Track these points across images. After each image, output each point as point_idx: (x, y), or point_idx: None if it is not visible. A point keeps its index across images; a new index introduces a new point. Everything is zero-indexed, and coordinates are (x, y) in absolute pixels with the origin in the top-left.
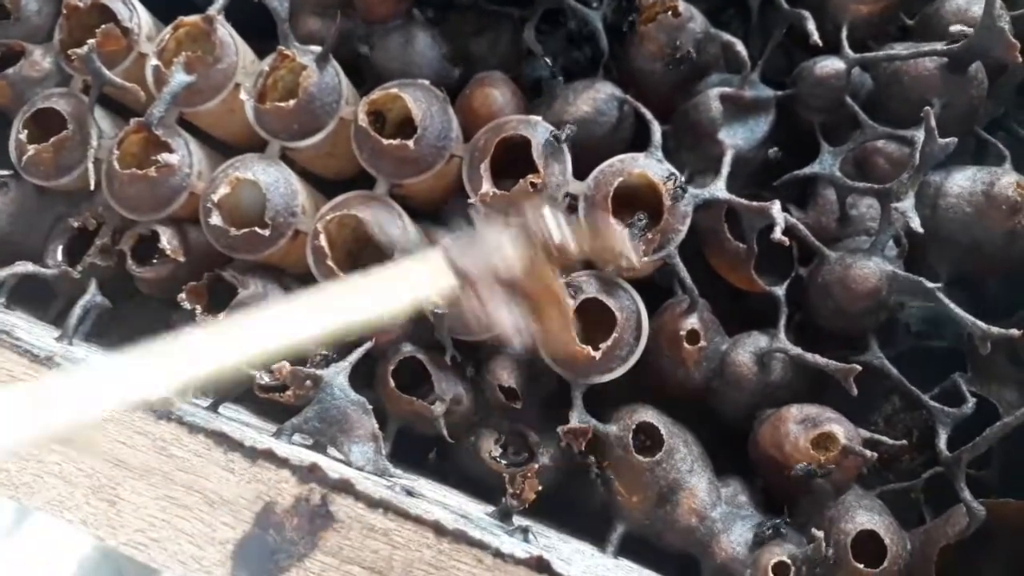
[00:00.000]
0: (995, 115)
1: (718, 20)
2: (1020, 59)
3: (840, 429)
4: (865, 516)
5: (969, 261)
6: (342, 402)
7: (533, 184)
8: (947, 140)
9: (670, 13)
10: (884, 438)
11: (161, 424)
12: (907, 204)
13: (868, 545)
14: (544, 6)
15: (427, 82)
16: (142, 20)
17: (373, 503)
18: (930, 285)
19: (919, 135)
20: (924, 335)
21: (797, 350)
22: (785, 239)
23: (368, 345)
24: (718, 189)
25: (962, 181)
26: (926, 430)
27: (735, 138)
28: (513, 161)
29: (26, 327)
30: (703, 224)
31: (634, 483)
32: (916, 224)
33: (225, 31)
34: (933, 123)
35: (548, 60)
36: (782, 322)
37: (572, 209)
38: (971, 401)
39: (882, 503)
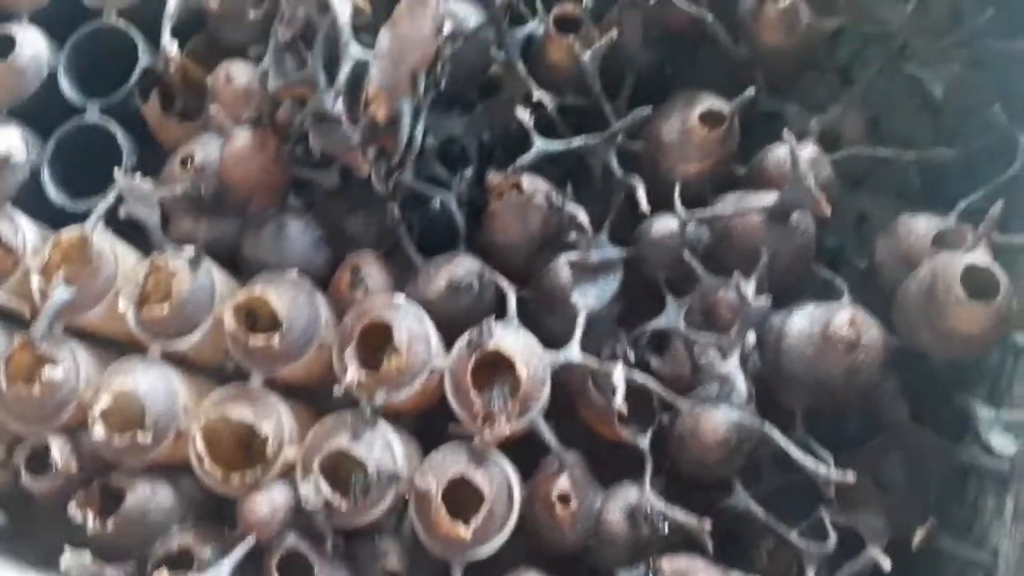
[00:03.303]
0: (836, 247)
1: (572, 183)
2: (828, 211)
3: None
4: None
5: (818, 398)
6: None
7: (397, 366)
8: (760, 304)
9: (515, 191)
10: None
11: None
12: (731, 365)
13: None
14: (404, 190)
15: (294, 272)
16: (27, 236)
17: None
18: (770, 431)
19: (749, 287)
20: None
21: (660, 506)
22: (623, 409)
23: (250, 541)
24: (572, 352)
25: (801, 322)
26: None
27: (587, 299)
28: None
29: None
30: (570, 379)
31: None
32: (741, 387)
33: (103, 241)
34: (745, 290)
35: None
36: (647, 477)
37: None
38: (833, 536)
39: None
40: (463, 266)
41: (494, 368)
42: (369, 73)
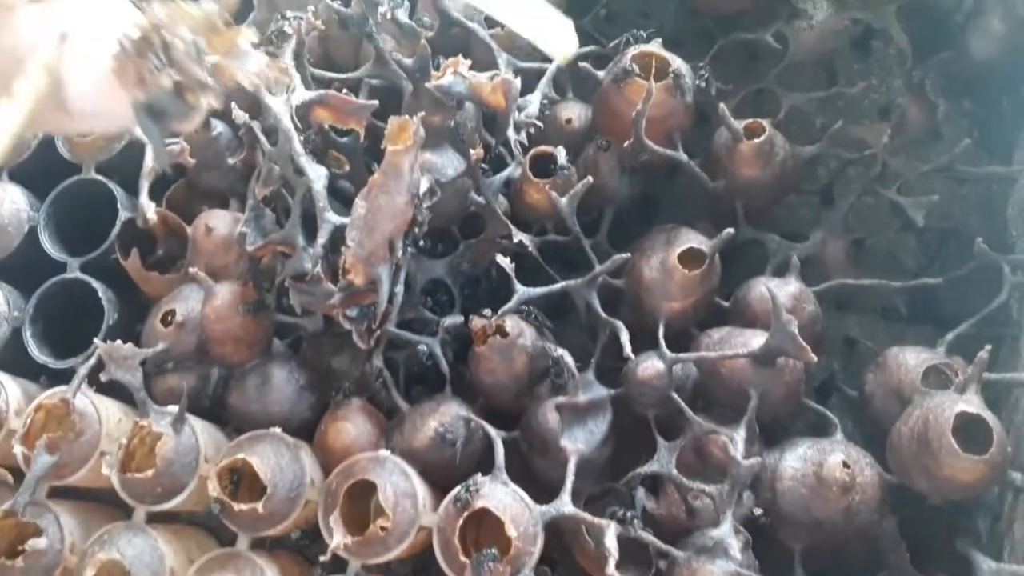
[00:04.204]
0: (827, 373)
1: (557, 315)
2: (814, 359)
3: None
4: None
5: (817, 537)
6: None
7: (383, 528)
8: (752, 461)
9: (498, 335)
10: None
11: None
12: (723, 530)
13: None
14: (388, 337)
15: (278, 430)
16: (10, 396)
17: None
18: None
19: (738, 434)
20: None
21: None
22: (616, 574)
23: None
24: (563, 503)
25: (794, 462)
26: None
27: (576, 443)
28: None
29: None
30: (564, 525)
31: None
32: (735, 551)
33: (86, 401)
34: (733, 451)
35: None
36: None
37: None
38: None
39: None
40: (449, 414)
41: (483, 518)
42: (345, 242)
